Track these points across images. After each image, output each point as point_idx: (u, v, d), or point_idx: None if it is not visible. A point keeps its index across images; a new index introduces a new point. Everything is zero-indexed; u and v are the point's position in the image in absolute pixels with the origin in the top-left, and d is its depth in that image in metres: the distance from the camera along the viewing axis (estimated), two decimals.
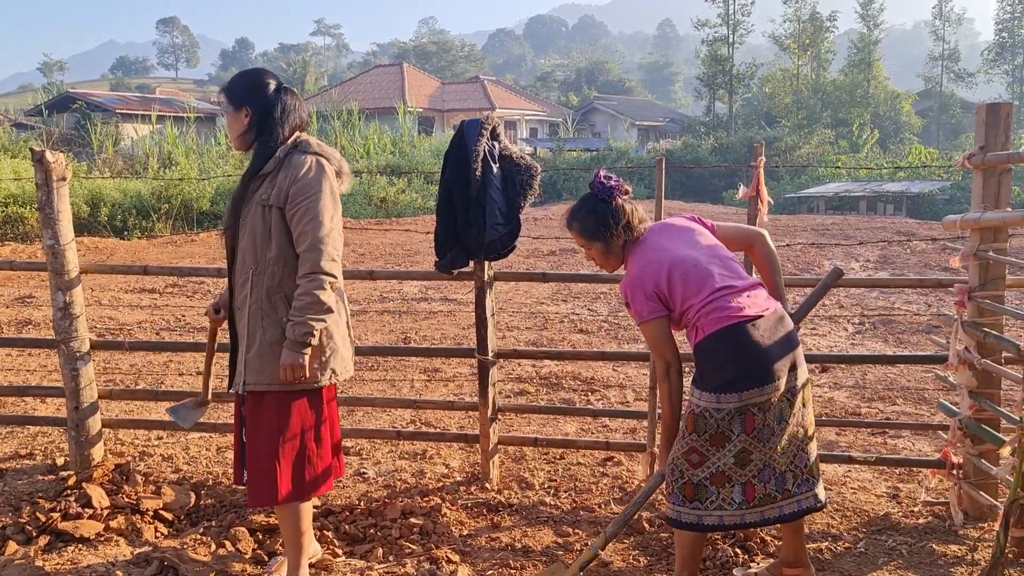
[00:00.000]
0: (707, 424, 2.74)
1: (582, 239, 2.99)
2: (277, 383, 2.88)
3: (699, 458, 2.77)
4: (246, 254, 2.91)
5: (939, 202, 23.01)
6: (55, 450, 4.56)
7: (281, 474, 2.92)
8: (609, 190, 2.95)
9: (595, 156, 31.91)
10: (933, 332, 7.48)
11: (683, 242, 2.91)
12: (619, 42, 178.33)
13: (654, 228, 3.01)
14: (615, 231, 2.92)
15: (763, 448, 2.75)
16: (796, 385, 2.79)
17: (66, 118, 32.62)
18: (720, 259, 2.87)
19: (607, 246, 2.96)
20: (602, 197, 2.95)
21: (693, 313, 2.78)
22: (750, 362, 2.70)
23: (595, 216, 2.93)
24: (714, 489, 2.77)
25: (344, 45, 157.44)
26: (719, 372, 2.72)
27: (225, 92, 3.00)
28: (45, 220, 3.88)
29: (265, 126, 2.93)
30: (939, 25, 51.81)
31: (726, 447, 2.74)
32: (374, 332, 7.81)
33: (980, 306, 3.47)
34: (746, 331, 2.72)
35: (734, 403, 2.70)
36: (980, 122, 3.43)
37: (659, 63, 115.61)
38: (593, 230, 2.94)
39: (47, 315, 8.11)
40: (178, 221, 17.30)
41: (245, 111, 2.94)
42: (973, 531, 3.51)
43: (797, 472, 2.83)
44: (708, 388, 2.74)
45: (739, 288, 2.79)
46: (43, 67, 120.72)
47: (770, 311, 2.79)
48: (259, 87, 2.96)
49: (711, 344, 2.74)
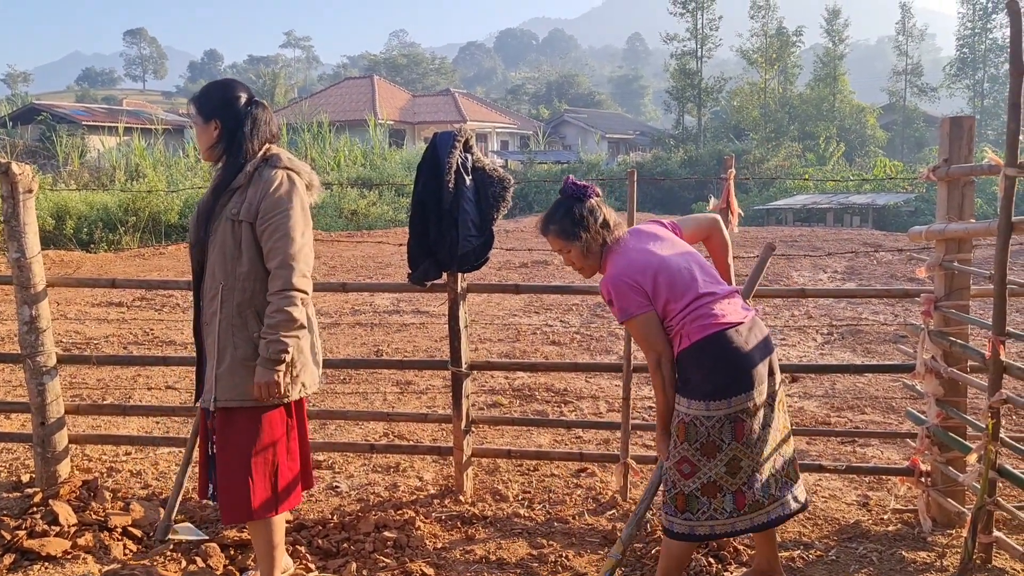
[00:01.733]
0: (698, 432, 2.75)
1: (560, 241, 2.95)
2: (248, 399, 2.86)
3: (691, 468, 2.78)
4: (216, 269, 2.88)
5: (904, 214, 23.39)
6: (20, 467, 4.48)
7: (254, 489, 2.89)
8: (582, 188, 2.94)
9: (566, 168, 32.04)
10: (900, 342, 7.59)
11: (664, 246, 2.92)
12: (589, 56, 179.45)
13: (632, 232, 3.01)
14: (594, 228, 2.89)
15: (751, 455, 2.78)
16: (775, 389, 2.84)
17: (31, 130, 32.11)
18: (700, 265, 2.90)
19: (586, 247, 2.91)
20: (576, 196, 2.93)
21: (675, 319, 2.78)
22: (737, 368, 2.73)
23: (571, 216, 2.90)
24: (705, 500, 2.78)
25: (314, 57, 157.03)
26: (707, 379, 2.74)
27: (195, 103, 2.96)
28: (11, 233, 3.82)
29: (235, 139, 2.90)
30: (902, 40, 52.77)
31: (717, 456, 2.75)
32: (346, 345, 7.76)
33: (946, 316, 3.53)
34: (730, 338, 2.75)
35: (724, 410, 2.72)
36: (944, 135, 3.50)
37: (629, 76, 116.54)
38: (571, 230, 2.90)
39: (12, 329, 7.96)
40: (146, 234, 17.08)
41: (215, 123, 2.91)
42: (942, 537, 3.56)
43: (779, 475, 2.87)
44: (697, 396, 2.75)
45: (720, 295, 2.82)
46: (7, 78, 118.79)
47: (749, 317, 2.84)
48: (230, 100, 2.92)
49: (697, 351, 2.76)
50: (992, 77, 50.71)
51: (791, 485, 2.91)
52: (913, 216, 22.79)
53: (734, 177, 3.93)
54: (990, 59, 50.75)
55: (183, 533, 3.49)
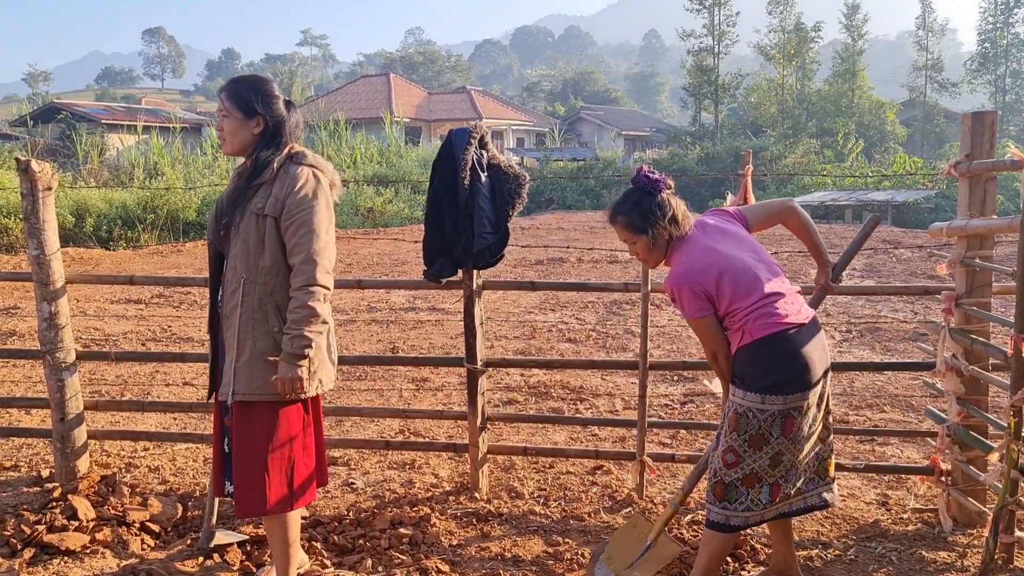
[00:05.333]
0: (749, 424, 2.78)
1: (627, 232, 2.95)
2: (268, 393, 2.87)
3: (735, 458, 2.81)
4: (237, 262, 2.89)
5: (924, 211, 23.16)
6: (40, 462, 4.52)
7: (270, 484, 2.91)
8: (654, 183, 2.92)
9: (582, 166, 31.98)
10: (920, 340, 7.52)
11: (730, 243, 2.91)
12: (605, 52, 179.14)
13: (698, 226, 2.98)
14: (661, 224, 2.88)
15: (794, 451, 2.82)
16: (826, 389, 2.88)
17: (51, 128, 32.45)
18: (766, 263, 2.90)
19: (653, 241, 2.91)
20: (647, 190, 2.92)
21: (740, 316, 2.80)
22: (796, 368, 2.77)
23: (640, 209, 2.90)
24: (744, 490, 2.81)
25: (331, 55, 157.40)
26: (766, 375, 2.77)
27: (233, 98, 2.93)
28: (30, 230, 3.85)
29: (276, 138, 2.93)
30: (922, 35, 52.24)
31: (763, 449, 2.79)
32: (362, 342, 7.78)
33: (967, 313, 3.49)
34: (792, 338, 2.78)
35: (778, 405, 2.75)
36: (966, 130, 3.46)
37: (645, 73, 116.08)
38: (639, 224, 2.90)
39: (32, 326, 8.04)
40: (164, 231, 17.20)
41: (257, 120, 2.92)
42: (962, 537, 3.52)
43: (812, 472, 2.92)
44: (753, 389, 2.78)
45: (784, 295, 2.84)
46: (28, 78, 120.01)
47: (811, 319, 2.88)
48: (273, 98, 2.95)
49: (758, 349, 2.78)
50: (1014, 72, 50.11)
51: (820, 482, 2.95)
52: (933, 213, 22.56)
53: (752, 173, 3.90)
54: (1012, 54, 50.11)
55: (225, 538, 3.50)
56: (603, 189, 28.74)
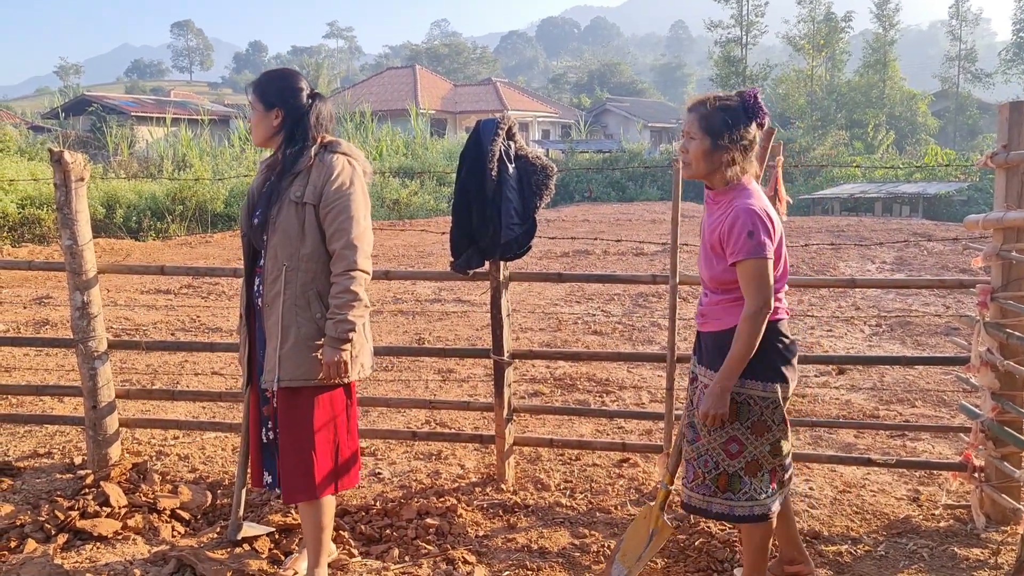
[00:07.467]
0: (751, 411, 2.77)
1: (696, 127, 2.72)
2: (313, 378, 2.91)
3: (738, 447, 2.80)
4: (278, 251, 2.92)
5: (956, 203, 22.84)
6: (73, 449, 4.58)
7: (318, 469, 2.96)
8: (755, 109, 2.70)
9: (608, 157, 31.83)
10: (952, 334, 7.41)
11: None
12: (631, 44, 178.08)
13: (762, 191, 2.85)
14: (733, 140, 2.67)
15: (788, 439, 2.86)
16: None
17: (82, 121, 32.88)
18: None
19: (713, 150, 2.69)
20: (746, 111, 2.69)
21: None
22: (790, 356, 2.81)
23: (724, 114, 2.67)
24: (747, 479, 2.80)
25: (356, 47, 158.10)
26: (768, 361, 2.75)
27: (255, 91, 3.01)
28: (63, 221, 3.90)
29: (297, 129, 2.97)
30: (955, 25, 51.43)
31: (765, 436, 2.79)
32: (388, 333, 7.81)
33: (1003, 307, 3.43)
34: (785, 327, 2.82)
35: (778, 393, 2.77)
36: (1003, 121, 3.39)
37: (671, 65, 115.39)
38: (715, 126, 2.67)
39: (64, 315, 8.16)
40: (192, 223, 17.39)
41: (276, 112, 2.97)
42: (996, 535, 3.47)
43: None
44: (755, 376, 2.76)
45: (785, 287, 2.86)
46: (59, 70, 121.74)
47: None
48: (293, 90, 2.99)
49: (770, 332, 2.73)
50: None
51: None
52: (965, 205, 22.24)
53: (782, 164, 3.85)
54: None
55: (252, 531, 3.53)
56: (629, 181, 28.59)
